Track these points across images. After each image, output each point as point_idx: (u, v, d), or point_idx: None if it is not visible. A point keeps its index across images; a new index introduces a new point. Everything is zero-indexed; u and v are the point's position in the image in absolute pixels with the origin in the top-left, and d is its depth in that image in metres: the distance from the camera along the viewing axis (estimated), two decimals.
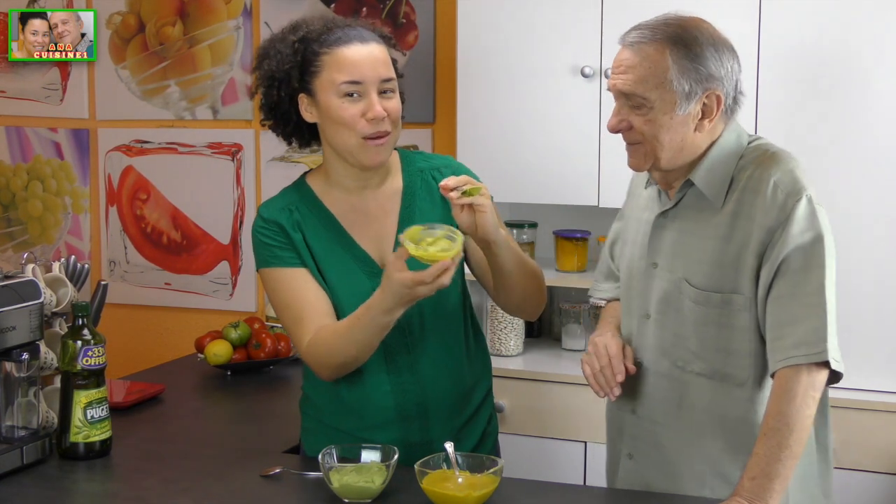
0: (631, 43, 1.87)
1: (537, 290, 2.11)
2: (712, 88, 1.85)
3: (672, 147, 1.87)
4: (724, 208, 1.88)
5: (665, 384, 1.97)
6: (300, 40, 1.99)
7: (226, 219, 3.83)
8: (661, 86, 1.83)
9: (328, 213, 2.06)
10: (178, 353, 3.46)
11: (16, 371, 2.08)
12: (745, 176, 1.88)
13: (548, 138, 3.07)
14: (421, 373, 2.05)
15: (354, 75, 1.95)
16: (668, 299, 1.94)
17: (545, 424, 3.00)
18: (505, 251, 1.98)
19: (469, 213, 1.91)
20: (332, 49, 1.97)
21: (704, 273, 1.89)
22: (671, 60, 1.82)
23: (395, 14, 3.53)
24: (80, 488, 2.02)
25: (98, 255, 4.02)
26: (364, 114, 1.95)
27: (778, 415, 1.78)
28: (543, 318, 3.44)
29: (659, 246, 1.97)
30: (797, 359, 1.78)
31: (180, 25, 3.81)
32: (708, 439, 1.92)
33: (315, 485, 1.93)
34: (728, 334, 1.89)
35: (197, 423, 2.56)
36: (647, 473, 2.01)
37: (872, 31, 2.72)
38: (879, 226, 2.74)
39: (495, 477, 1.82)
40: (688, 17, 1.89)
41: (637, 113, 1.87)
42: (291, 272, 2.03)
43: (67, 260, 2.31)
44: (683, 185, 1.93)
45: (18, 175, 4.09)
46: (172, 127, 3.87)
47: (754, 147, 1.93)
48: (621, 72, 1.86)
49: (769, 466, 1.75)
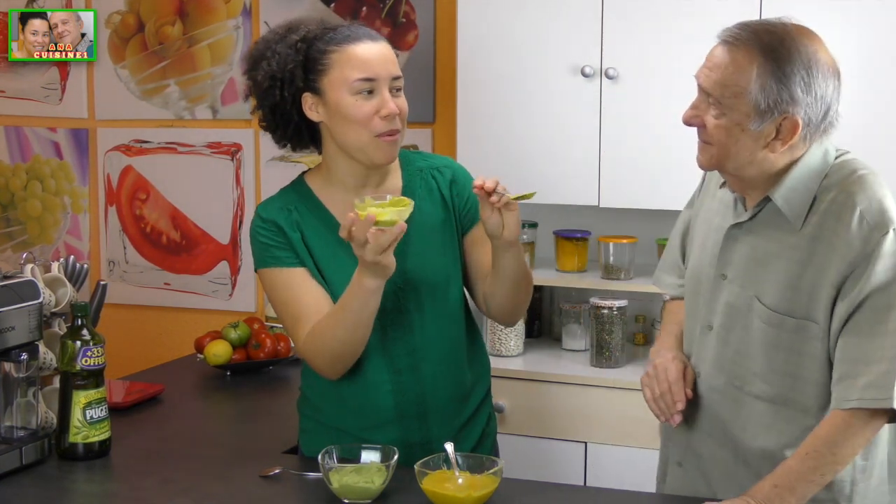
0: (726, 41, 1.76)
1: (529, 297, 2.12)
2: (791, 113, 1.74)
3: (739, 159, 1.79)
4: (803, 230, 1.79)
5: (717, 399, 1.92)
6: (302, 39, 1.98)
7: (225, 219, 3.82)
8: (739, 95, 1.74)
9: (327, 213, 2.06)
10: (177, 353, 3.45)
11: (15, 371, 2.07)
12: (828, 198, 1.78)
13: (548, 138, 3.07)
14: (421, 373, 2.04)
15: (368, 72, 1.95)
16: (734, 315, 1.88)
17: (545, 425, 3.00)
18: (519, 255, 1.98)
19: (498, 215, 1.90)
20: (343, 46, 1.96)
21: (777, 294, 1.82)
22: (756, 73, 1.72)
23: (395, 13, 3.53)
24: (80, 489, 2.02)
25: (97, 255, 4.01)
26: (378, 111, 1.95)
27: (828, 442, 1.73)
28: (543, 318, 3.44)
29: (730, 258, 1.89)
30: (865, 402, 1.72)
31: (180, 25, 3.81)
32: (749, 458, 1.88)
33: (315, 485, 1.92)
34: (798, 360, 1.82)
35: (196, 423, 2.56)
36: (695, 482, 1.98)
37: (878, 29, 2.72)
38: None
39: (495, 477, 1.82)
40: (794, 28, 1.77)
41: (712, 113, 1.78)
42: (289, 272, 2.02)
43: (66, 260, 2.31)
44: (762, 200, 1.83)
45: (17, 175, 4.09)
46: (172, 127, 3.87)
47: (840, 165, 1.82)
48: (709, 67, 1.78)
49: (797, 483, 1.73)
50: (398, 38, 3.50)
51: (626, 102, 2.99)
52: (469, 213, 2.10)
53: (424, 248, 2.05)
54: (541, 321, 3.44)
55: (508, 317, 2.15)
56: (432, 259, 2.06)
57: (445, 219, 2.08)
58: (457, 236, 2.10)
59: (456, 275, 2.09)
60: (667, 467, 2.06)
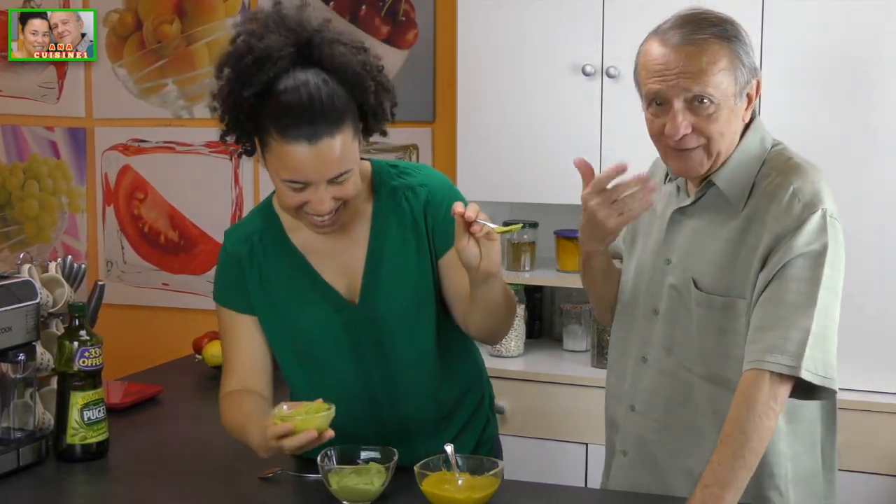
0: (679, 43, 1.79)
1: (511, 321, 2.02)
2: (756, 76, 1.85)
3: (729, 143, 1.85)
4: (742, 212, 1.85)
5: (669, 382, 1.94)
6: (262, 90, 1.82)
7: (224, 218, 3.81)
8: (723, 83, 1.79)
9: (292, 248, 2.00)
10: (175, 354, 3.44)
11: (12, 372, 2.06)
12: (765, 182, 1.85)
13: (548, 137, 3.06)
14: (401, 402, 2.01)
15: (297, 176, 1.81)
16: (676, 297, 1.92)
17: (546, 426, 2.99)
18: (498, 285, 1.87)
19: (475, 246, 1.76)
20: (280, 139, 1.80)
21: (713, 275, 1.86)
22: (728, 57, 1.79)
23: (395, 12, 3.51)
24: (77, 490, 2.01)
25: (95, 255, 4.00)
26: (304, 206, 1.84)
27: (736, 421, 1.72)
28: (544, 319, 3.43)
29: (673, 243, 1.94)
30: (766, 364, 1.72)
31: (178, 23, 3.80)
32: (704, 442, 1.89)
33: (314, 487, 1.92)
34: (728, 339, 1.85)
35: (195, 424, 2.55)
36: (637, 472, 1.99)
37: (879, 29, 2.71)
38: (884, 226, 2.73)
39: (496, 479, 1.81)
40: (707, 10, 1.86)
41: (706, 113, 1.80)
42: (235, 318, 2.04)
43: (64, 260, 2.30)
44: (705, 185, 1.89)
45: (15, 174, 4.08)
46: (170, 126, 3.86)
47: (777, 152, 1.89)
48: (677, 74, 1.79)
49: (722, 475, 1.71)
50: (398, 36, 3.49)
51: (628, 101, 2.94)
52: (445, 235, 1.96)
53: (394, 280, 1.98)
54: (541, 322, 3.43)
55: (488, 340, 2.08)
56: (403, 290, 1.98)
57: (417, 245, 1.99)
58: (430, 259, 1.99)
59: (429, 300, 1.99)
60: (612, 459, 2.06)
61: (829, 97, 2.76)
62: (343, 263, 1.99)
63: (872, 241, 2.72)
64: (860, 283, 2.71)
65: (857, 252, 2.69)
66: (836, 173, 2.71)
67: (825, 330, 1.76)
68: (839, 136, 2.75)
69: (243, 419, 1.94)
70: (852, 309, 2.70)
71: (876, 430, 2.71)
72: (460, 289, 1.96)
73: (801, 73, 2.78)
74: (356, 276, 1.98)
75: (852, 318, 2.70)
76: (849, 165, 2.73)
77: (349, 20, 3.52)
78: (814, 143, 2.71)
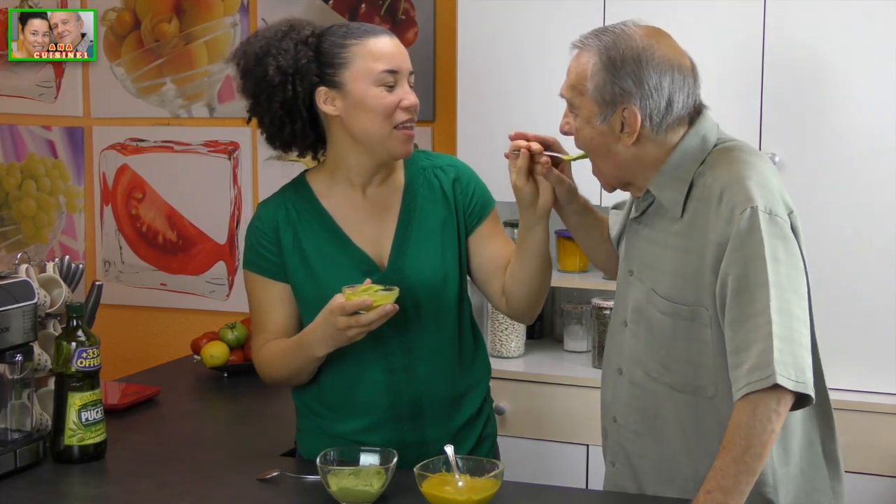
0: (576, 45, 1.88)
1: (548, 286, 2.10)
2: (627, 105, 1.80)
3: (603, 156, 1.87)
4: (684, 217, 1.84)
5: (639, 394, 1.93)
6: (313, 34, 2.01)
7: (222, 218, 3.80)
8: (583, 93, 1.84)
9: (325, 213, 2.07)
10: (173, 354, 3.44)
11: (9, 373, 2.06)
12: (700, 183, 1.82)
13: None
14: (416, 373, 2.04)
15: (392, 65, 1.99)
16: (640, 308, 1.91)
17: (546, 427, 2.98)
18: (547, 232, 2.00)
19: (533, 184, 1.93)
20: (363, 40, 2.00)
21: (670, 284, 1.84)
22: (591, 71, 1.82)
23: (395, 11, 3.50)
24: (75, 492, 2.01)
25: (93, 255, 3.99)
26: (400, 102, 1.99)
27: (738, 432, 1.71)
28: (545, 320, 3.43)
29: (633, 253, 1.95)
30: (753, 385, 1.70)
31: (176, 22, 3.79)
32: (680, 452, 1.88)
33: (313, 488, 1.91)
34: (696, 348, 1.83)
35: (193, 425, 2.55)
36: (625, 483, 1.98)
37: (874, 37, 2.71)
38: (884, 226, 2.72)
39: (496, 480, 1.81)
40: (636, 29, 1.85)
41: (570, 117, 1.88)
42: (268, 284, 2.08)
43: (61, 260, 2.30)
44: (647, 193, 1.89)
45: (12, 174, 4.06)
46: (168, 125, 3.85)
47: (719, 150, 1.85)
48: (567, 75, 1.88)
49: (724, 480, 1.70)
50: (397, 35, 3.46)
51: None
52: (474, 210, 2.11)
53: (423, 248, 2.06)
54: (542, 322, 3.42)
55: (530, 307, 2.11)
56: (430, 259, 2.06)
57: (446, 219, 2.08)
58: (458, 237, 2.09)
59: (454, 275, 2.08)
60: (606, 468, 2.06)
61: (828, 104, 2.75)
62: (374, 230, 2.07)
63: (872, 241, 2.72)
64: (860, 283, 2.72)
65: (857, 252, 2.70)
66: (835, 175, 2.72)
67: (791, 332, 1.71)
68: (840, 141, 2.74)
69: (292, 341, 2.03)
70: (853, 309, 2.72)
71: (876, 431, 2.71)
72: (497, 258, 2.09)
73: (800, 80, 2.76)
74: (386, 244, 2.06)
75: (852, 318, 2.72)
76: (849, 166, 2.72)
77: (349, 19, 3.52)
78: (813, 148, 2.72)
